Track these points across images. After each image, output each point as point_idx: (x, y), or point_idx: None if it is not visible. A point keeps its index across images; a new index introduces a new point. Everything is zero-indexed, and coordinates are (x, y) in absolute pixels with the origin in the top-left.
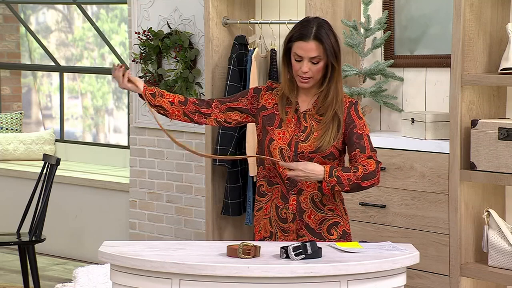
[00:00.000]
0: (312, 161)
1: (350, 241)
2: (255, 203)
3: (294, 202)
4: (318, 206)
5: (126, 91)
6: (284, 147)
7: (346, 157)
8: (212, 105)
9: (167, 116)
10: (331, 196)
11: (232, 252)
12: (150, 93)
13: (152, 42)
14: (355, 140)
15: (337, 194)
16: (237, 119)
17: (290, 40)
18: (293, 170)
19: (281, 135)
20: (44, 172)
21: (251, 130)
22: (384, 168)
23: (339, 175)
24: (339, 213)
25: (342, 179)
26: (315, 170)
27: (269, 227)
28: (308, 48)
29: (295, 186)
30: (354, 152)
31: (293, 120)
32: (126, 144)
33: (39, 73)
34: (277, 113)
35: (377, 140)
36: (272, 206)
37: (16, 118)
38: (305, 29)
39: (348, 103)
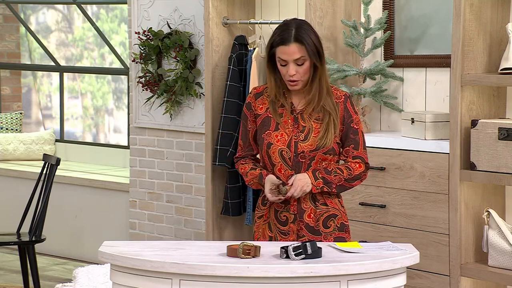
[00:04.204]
0: (314, 159)
1: (349, 233)
2: (257, 211)
3: (296, 203)
4: (316, 198)
5: (126, 90)
6: (284, 149)
7: None
8: (254, 151)
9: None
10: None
11: (232, 252)
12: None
13: (152, 42)
14: (350, 136)
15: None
16: None
17: (272, 46)
18: (293, 190)
19: (279, 137)
20: (44, 172)
21: None
22: (384, 168)
23: (324, 177)
24: (336, 206)
25: (327, 179)
26: (303, 178)
27: (268, 231)
28: (291, 52)
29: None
30: (347, 148)
31: (289, 121)
32: (126, 144)
33: (39, 73)
34: (271, 116)
35: (377, 140)
36: (270, 211)
37: (16, 118)
38: (284, 33)
39: (343, 97)
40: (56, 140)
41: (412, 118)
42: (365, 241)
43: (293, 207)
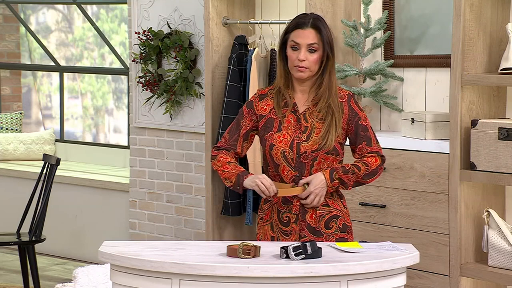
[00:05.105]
0: (316, 159)
1: (352, 234)
2: (259, 212)
3: (298, 203)
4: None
5: (126, 90)
6: (286, 150)
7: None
8: (237, 149)
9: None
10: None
11: (232, 252)
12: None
13: (152, 42)
14: (361, 133)
15: (335, 191)
16: (253, 139)
17: (287, 32)
18: (308, 196)
19: (281, 138)
20: (44, 172)
21: None
22: (384, 168)
23: (340, 177)
24: (338, 207)
25: (344, 179)
26: (319, 182)
27: (270, 232)
28: (306, 35)
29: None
30: (360, 145)
31: (292, 121)
32: (126, 144)
33: (39, 73)
34: (275, 117)
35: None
36: (273, 212)
37: (16, 118)
38: (302, 19)
39: (346, 96)
40: (56, 140)
41: (412, 118)
42: (365, 241)
43: (295, 208)
